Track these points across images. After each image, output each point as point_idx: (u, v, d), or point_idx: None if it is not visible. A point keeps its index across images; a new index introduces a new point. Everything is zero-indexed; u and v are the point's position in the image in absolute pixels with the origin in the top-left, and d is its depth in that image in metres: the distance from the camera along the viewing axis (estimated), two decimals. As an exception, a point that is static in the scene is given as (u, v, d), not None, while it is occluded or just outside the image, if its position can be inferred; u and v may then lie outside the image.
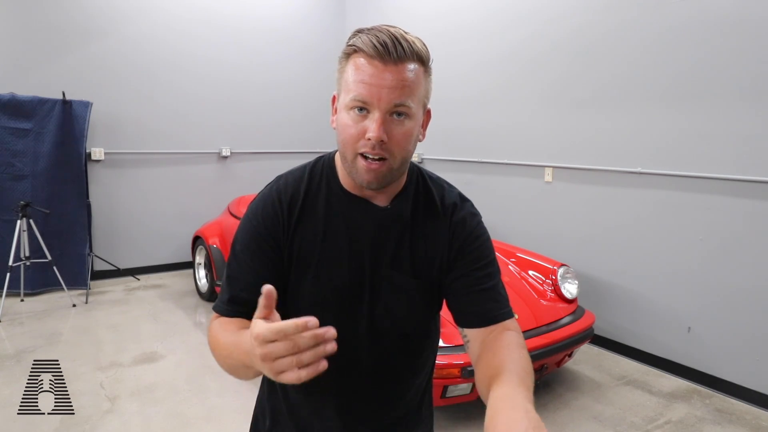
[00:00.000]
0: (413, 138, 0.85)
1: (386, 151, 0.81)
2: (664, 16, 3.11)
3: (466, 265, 0.93)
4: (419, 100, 0.83)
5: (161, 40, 5.05)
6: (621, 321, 3.47)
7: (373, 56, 0.79)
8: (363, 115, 0.81)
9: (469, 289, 0.93)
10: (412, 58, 0.81)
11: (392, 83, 0.79)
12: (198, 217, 5.23)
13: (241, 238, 0.92)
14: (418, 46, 0.82)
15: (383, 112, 0.80)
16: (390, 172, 0.84)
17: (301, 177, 0.94)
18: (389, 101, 0.79)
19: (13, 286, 4.16)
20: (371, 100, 0.79)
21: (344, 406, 0.96)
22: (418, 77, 0.82)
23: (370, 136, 0.80)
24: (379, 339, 0.93)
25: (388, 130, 0.81)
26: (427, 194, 0.96)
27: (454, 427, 2.57)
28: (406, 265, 0.92)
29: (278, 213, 0.90)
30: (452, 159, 4.78)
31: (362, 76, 0.79)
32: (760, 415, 2.74)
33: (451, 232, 0.94)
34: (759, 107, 2.74)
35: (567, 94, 3.74)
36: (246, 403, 2.73)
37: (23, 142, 4.27)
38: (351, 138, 0.82)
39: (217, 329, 0.87)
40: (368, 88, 0.79)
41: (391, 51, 0.78)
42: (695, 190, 3.04)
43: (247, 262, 0.90)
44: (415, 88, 0.81)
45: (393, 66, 0.79)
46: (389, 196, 0.93)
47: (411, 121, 0.83)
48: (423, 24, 4.96)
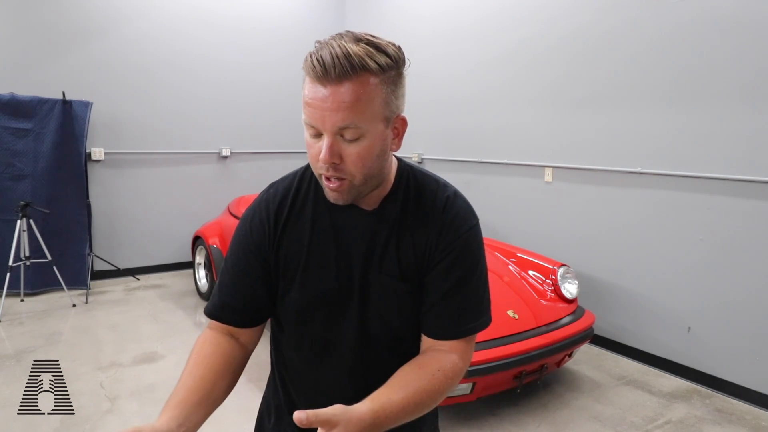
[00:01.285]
0: (372, 155, 0.80)
1: (342, 172, 0.80)
2: (664, 16, 3.11)
3: (444, 271, 0.90)
4: (373, 115, 0.77)
5: (161, 40, 5.05)
6: (621, 321, 3.47)
7: (313, 78, 0.76)
8: (317, 137, 0.80)
9: (436, 298, 0.90)
10: (358, 71, 0.74)
11: (332, 105, 0.75)
12: (198, 217, 5.23)
13: (231, 247, 0.95)
14: (365, 57, 0.74)
15: (331, 135, 0.77)
16: (352, 189, 0.82)
17: (291, 184, 0.95)
18: (333, 125, 0.76)
19: (13, 286, 4.16)
20: (316, 123, 0.77)
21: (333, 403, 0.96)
22: (368, 92, 0.75)
23: (321, 159, 0.79)
24: (371, 343, 0.93)
25: (341, 152, 0.78)
26: (418, 194, 0.93)
27: (454, 427, 2.57)
28: (394, 268, 0.90)
29: (264, 223, 0.92)
30: (452, 159, 4.78)
31: (307, 99, 0.77)
32: (760, 415, 2.74)
33: (439, 230, 0.90)
34: (759, 107, 2.74)
35: (567, 94, 3.74)
36: (246, 403, 2.72)
37: (23, 142, 4.27)
38: (312, 158, 0.83)
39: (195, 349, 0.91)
40: (312, 112, 0.77)
41: (329, 70, 0.73)
42: (695, 190, 3.04)
43: (235, 271, 0.93)
44: (363, 107, 0.76)
45: (333, 87, 0.74)
46: (376, 199, 0.91)
47: (365, 140, 0.78)
48: (423, 24, 4.96)
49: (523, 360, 2.49)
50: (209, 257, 4.25)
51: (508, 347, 2.47)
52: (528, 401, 2.82)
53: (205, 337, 0.92)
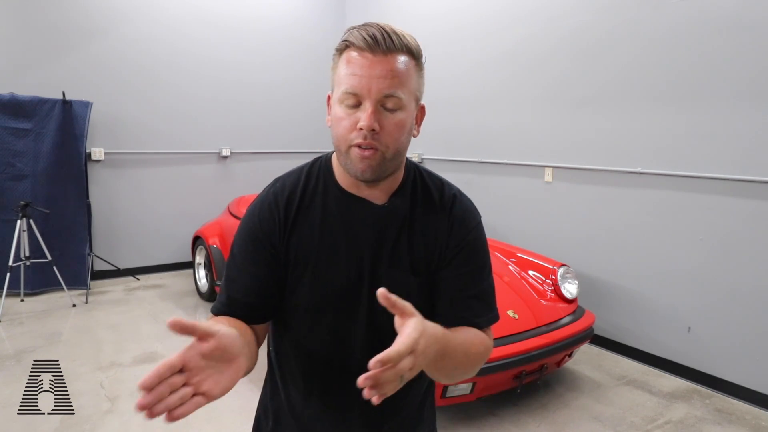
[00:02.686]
0: (406, 129, 0.85)
1: (378, 141, 0.82)
2: (664, 16, 3.11)
3: (458, 266, 0.94)
4: (410, 92, 0.84)
5: (161, 40, 5.05)
6: (621, 321, 3.47)
7: (363, 48, 0.80)
8: (355, 107, 0.82)
9: (456, 290, 0.93)
10: (402, 50, 0.82)
11: (382, 73, 0.80)
12: (198, 217, 5.22)
13: (238, 241, 0.93)
14: (408, 39, 0.83)
15: (374, 102, 0.81)
16: (383, 161, 0.84)
17: (298, 178, 0.95)
18: (379, 91, 0.80)
19: (13, 286, 4.16)
20: (362, 91, 0.80)
21: (346, 407, 0.96)
22: (408, 69, 0.83)
23: (362, 125, 0.80)
24: (379, 338, 0.93)
25: (380, 121, 0.81)
26: (425, 190, 0.97)
27: (454, 427, 2.57)
28: (405, 262, 0.92)
29: (274, 215, 0.91)
30: (452, 159, 4.78)
31: (353, 69, 0.81)
32: (760, 415, 2.74)
33: (449, 226, 0.95)
34: (759, 107, 2.74)
35: (567, 94, 3.74)
36: (246, 404, 2.72)
37: (23, 142, 4.27)
38: (344, 130, 0.83)
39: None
40: (359, 80, 0.80)
41: (380, 42, 0.80)
42: (695, 190, 3.04)
43: (244, 264, 0.91)
44: (405, 80, 0.82)
45: (382, 56, 0.80)
46: (386, 193, 0.93)
47: (403, 113, 0.83)
48: (422, 24, 4.96)
49: (523, 360, 2.48)
50: (209, 257, 4.25)
51: (508, 347, 2.47)
52: (528, 401, 2.82)
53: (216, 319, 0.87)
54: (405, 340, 0.66)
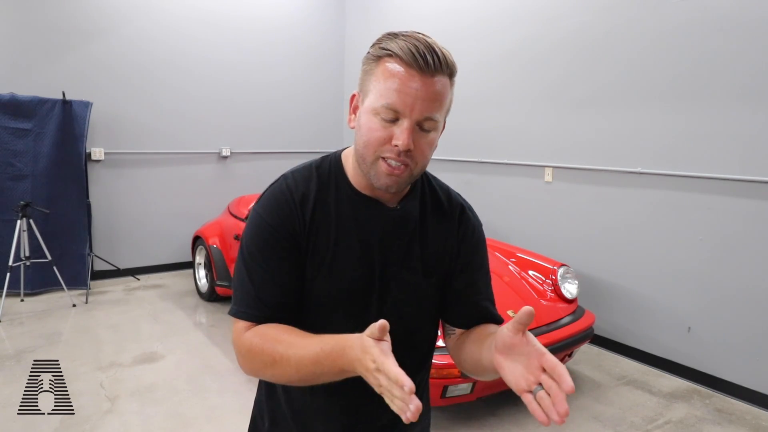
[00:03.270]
0: (433, 149, 0.86)
1: (410, 158, 0.82)
2: (664, 16, 3.11)
3: (473, 272, 0.98)
4: (444, 113, 0.85)
5: (161, 39, 5.05)
6: (621, 321, 3.47)
7: (411, 65, 0.78)
8: (391, 123, 0.81)
9: (472, 295, 0.98)
10: (445, 71, 0.81)
11: (427, 96, 0.79)
12: (198, 217, 5.23)
13: (256, 240, 0.88)
14: (450, 59, 0.82)
15: (413, 122, 0.80)
16: (409, 177, 0.86)
17: (309, 175, 0.93)
18: (421, 113, 0.79)
19: (13, 286, 4.16)
20: (404, 109, 0.79)
21: (349, 405, 0.97)
22: (446, 90, 0.83)
23: (398, 144, 0.80)
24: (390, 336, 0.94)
25: (415, 140, 0.81)
26: (433, 194, 0.99)
27: (454, 427, 2.57)
28: (417, 264, 0.94)
29: (293, 210, 0.88)
30: (452, 159, 4.78)
31: (397, 84, 0.78)
32: (760, 415, 2.74)
33: (460, 234, 0.98)
34: (759, 107, 2.74)
35: (567, 94, 3.74)
36: (246, 403, 2.73)
37: (23, 142, 4.27)
38: (376, 141, 0.82)
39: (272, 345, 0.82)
40: (403, 98, 0.78)
41: (429, 62, 0.78)
42: (695, 190, 3.04)
43: (268, 263, 0.87)
44: (444, 102, 0.83)
45: (429, 78, 0.79)
46: (398, 196, 0.94)
47: (435, 133, 0.84)
48: (422, 24, 4.96)
49: (523, 360, 2.48)
50: (209, 257, 4.25)
51: (508, 347, 2.47)
52: (528, 401, 2.81)
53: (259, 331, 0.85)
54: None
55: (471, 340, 0.92)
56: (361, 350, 0.70)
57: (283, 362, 0.79)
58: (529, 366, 0.69)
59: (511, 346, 0.72)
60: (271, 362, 0.81)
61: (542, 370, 0.68)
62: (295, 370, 0.79)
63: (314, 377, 0.79)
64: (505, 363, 0.73)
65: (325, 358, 0.75)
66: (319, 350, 0.76)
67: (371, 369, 0.68)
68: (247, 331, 0.86)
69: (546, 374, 0.67)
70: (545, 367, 0.67)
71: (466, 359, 0.92)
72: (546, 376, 0.67)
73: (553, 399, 0.65)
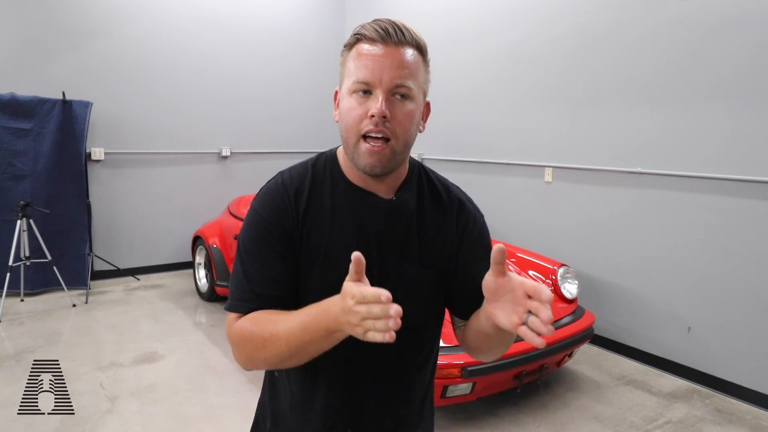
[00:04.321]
0: (415, 121, 0.87)
1: (389, 130, 0.84)
2: (664, 16, 3.11)
3: (476, 263, 0.96)
4: (419, 84, 0.87)
5: (161, 39, 5.05)
6: (621, 321, 3.47)
7: (376, 39, 0.84)
8: (366, 97, 0.84)
9: (475, 286, 0.94)
10: (412, 44, 0.86)
11: (394, 63, 0.83)
12: (198, 217, 5.23)
13: (251, 234, 0.90)
14: (418, 35, 0.87)
15: (386, 91, 0.83)
16: (393, 155, 0.86)
17: (305, 171, 0.94)
18: (391, 80, 0.82)
19: (13, 286, 4.15)
20: (373, 80, 0.83)
21: (350, 402, 0.96)
22: (417, 62, 0.86)
23: (374, 112, 0.82)
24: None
25: (391, 109, 0.83)
26: (431, 186, 0.99)
27: (454, 427, 2.57)
28: (415, 255, 0.94)
29: (287, 204, 0.90)
30: (452, 159, 4.78)
31: (365, 60, 0.83)
32: (760, 415, 2.74)
33: (461, 227, 0.98)
34: (759, 107, 2.74)
35: (567, 93, 3.73)
36: (246, 403, 2.73)
37: (23, 142, 4.27)
38: (355, 120, 0.84)
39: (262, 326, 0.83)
40: (371, 69, 0.83)
41: (392, 35, 0.83)
42: (695, 190, 3.04)
43: (263, 257, 0.89)
44: (415, 71, 0.85)
45: (394, 47, 0.84)
46: (392, 187, 0.94)
47: (412, 103, 0.86)
48: (423, 22, 4.96)
49: (523, 360, 2.49)
50: (209, 257, 4.25)
51: (508, 347, 2.47)
52: (528, 401, 2.82)
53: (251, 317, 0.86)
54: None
55: (472, 320, 0.94)
56: (341, 297, 0.72)
57: (273, 339, 0.80)
58: (515, 299, 0.73)
59: (497, 290, 0.76)
60: (262, 343, 0.81)
61: (527, 297, 0.71)
62: (285, 344, 0.79)
63: (304, 346, 0.79)
64: (497, 309, 0.76)
65: (310, 322, 0.77)
66: (305, 316, 0.78)
67: (351, 306, 0.68)
68: (239, 320, 0.87)
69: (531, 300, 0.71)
70: (528, 293, 0.71)
71: (473, 340, 0.94)
72: (531, 301, 0.71)
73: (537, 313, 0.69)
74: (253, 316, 0.86)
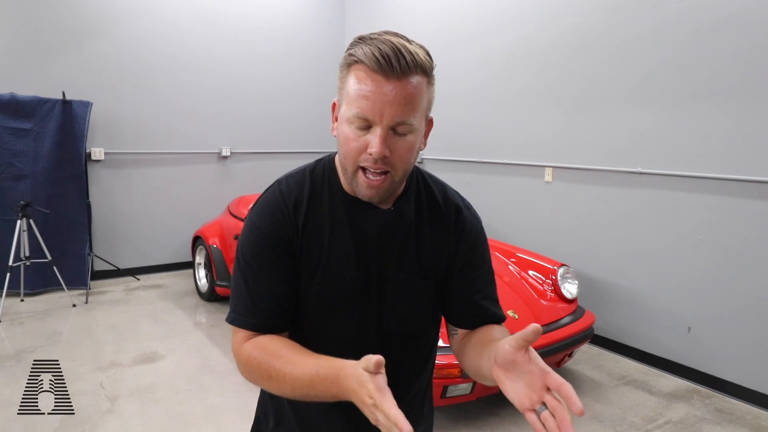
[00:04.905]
0: (415, 151, 0.84)
1: (388, 165, 0.81)
2: (663, 15, 3.11)
3: (471, 271, 0.96)
4: (422, 113, 0.82)
5: (161, 40, 5.05)
6: (621, 321, 3.47)
7: (375, 70, 0.76)
8: (365, 131, 0.80)
9: (470, 294, 0.96)
10: (415, 71, 0.78)
11: (394, 100, 0.77)
12: (198, 217, 5.23)
13: (251, 248, 0.89)
14: (421, 57, 0.79)
15: (385, 128, 0.78)
16: (391, 185, 0.85)
17: (303, 180, 0.93)
18: (392, 118, 0.78)
19: (13, 286, 4.16)
20: (373, 116, 0.78)
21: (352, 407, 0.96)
22: (420, 90, 0.79)
23: (372, 152, 0.79)
24: (387, 339, 0.94)
25: (390, 145, 0.80)
26: (428, 194, 0.98)
27: (454, 427, 2.57)
28: (413, 265, 0.93)
29: (287, 217, 0.89)
30: (452, 159, 4.78)
31: (364, 91, 0.77)
32: (760, 415, 2.74)
33: (457, 234, 0.96)
34: (759, 107, 2.74)
35: (567, 93, 3.73)
36: (246, 403, 2.73)
37: (23, 142, 4.27)
38: (352, 151, 0.81)
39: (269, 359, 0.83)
40: (370, 105, 0.77)
41: (393, 65, 0.75)
42: (695, 190, 3.04)
43: (263, 271, 0.88)
44: (417, 103, 0.79)
45: (396, 81, 0.76)
46: (391, 198, 0.93)
47: (413, 136, 0.82)
48: (423, 22, 4.96)
49: (523, 360, 2.48)
50: (209, 257, 4.25)
51: (508, 347, 2.47)
52: (528, 401, 2.81)
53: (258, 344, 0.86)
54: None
55: (472, 345, 0.91)
56: (357, 383, 0.70)
57: (279, 379, 0.81)
58: (532, 384, 0.67)
59: (513, 363, 0.70)
60: (268, 377, 0.82)
61: (546, 389, 0.66)
62: (290, 388, 0.80)
63: (309, 397, 0.80)
64: (506, 379, 0.71)
65: (319, 383, 0.76)
66: (314, 374, 0.77)
67: (368, 404, 0.68)
68: (246, 343, 0.87)
69: (549, 394, 0.65)
70: (550, 386, 0.65)
71: (467, 363, 0.92)
72: (550, 397, 0.65)
73: (559, 421, 0.63)
74: (261, 343, 0.86)
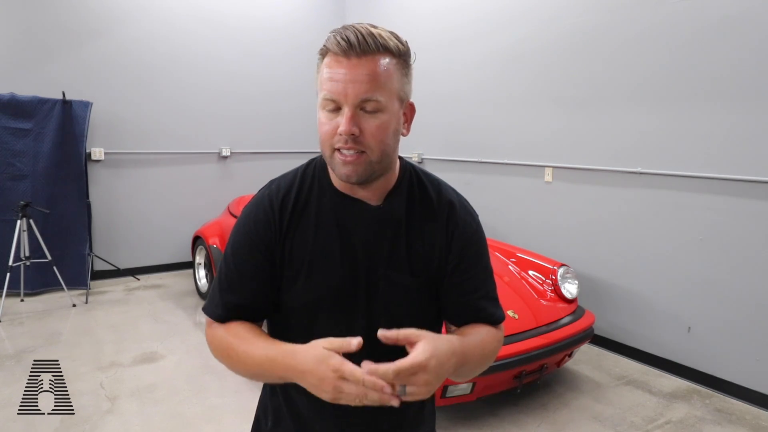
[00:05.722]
0: (390, 131, 0.84)
1: (361, 144, 0.82)
2: (663, 15, 3.11)
3: (467, 269, 0.95)
4: (391, 93, 0.83)
5: (161, 40, 5.05)
6: (621, 321, 3.47)
7: (338, 53, 0.80)
8: (335, 113, 0.83)
9: (465, 293, 0.95)
10: (379, 50, 0.81)
11: (358, 77, 0.80)
12: (198, 217, 5.23)
13: (233, 243, 0.94)
14: (386, 39, 0.82)
15: (352, 107, 0.81)
16: (369, 165, 0.84)
17: (293, 180, 0.95)
18: (356, 95, 0.80)
19: (13, 286, 4.16)
20: (339, 96, 0.81)
21: (347, 406, 0.96)
22: (387, 70, 0.82)
23: (341, 131, 0.81)
24: (378, 339, 0.93)
25: (360, 124, 0.81)
26: (422, 191, 0.96)
27: (454, 427, 2.57)
28: (404, 263, 0.92)
29: (270, 218, 0.91)
30: (452, 159, 4.78)
31: (330, 74, 0.81)
32: (760, 415, 2.74)
33: (450, 232, 0.95)
34: (759, 107, 2.73)
35: (567, 93, 3.73)
36: (246, 403, 2.73)
37: (23, 142, 4.27)
38: (326, 135, 0.84)
39: (230, 338, 0.89)
40: (336, 85, 0.80)
41: (354, 46, 0.79)
42: (695, 190, 3.04)
43: (240, 268, 0.92)
44: (384, 81, 0.81)
45: (357, 60, 0.80)
46: (381, 194, 0.93)
47: (384, 114, 0.83)
48: (423, 23, 4.96)
49: (523, 360, 2.49)
50: (209, 257, 4.25)
51: (508, 347, 2.47)
52: (528, 401, 2.82)
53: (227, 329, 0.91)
54: (405, 363, 0.73)
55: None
56: (315, 361, 0.74)
57: (235, 357, 0.87)
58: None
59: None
60: (227, 356, 0.89)
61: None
62: (243, 366, 0.87)
63: (260, 377, 0.88)
64: None
65: (267, 363, 0.83)
66: (264, 355, 0.83)
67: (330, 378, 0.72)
68: (217, 328, 0.93)
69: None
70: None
71: None
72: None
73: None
74: (230, 325, 0.92)
